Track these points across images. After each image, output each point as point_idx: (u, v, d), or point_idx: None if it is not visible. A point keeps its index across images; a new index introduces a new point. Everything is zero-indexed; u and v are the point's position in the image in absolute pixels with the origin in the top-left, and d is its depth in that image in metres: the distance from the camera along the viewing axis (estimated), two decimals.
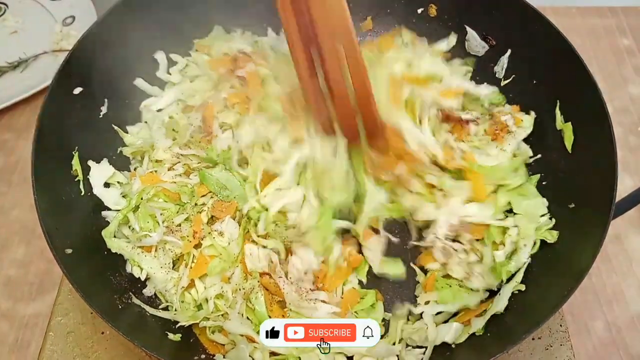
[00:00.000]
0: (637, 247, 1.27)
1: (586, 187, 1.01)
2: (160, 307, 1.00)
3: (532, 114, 1.15)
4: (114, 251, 1.01)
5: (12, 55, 1.50)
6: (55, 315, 1.03)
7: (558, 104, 1.10)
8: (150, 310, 0.98)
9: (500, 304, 0.97)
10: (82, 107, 1.07)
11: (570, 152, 1.06)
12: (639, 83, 1.52)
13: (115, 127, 1.13)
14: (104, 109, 1.12)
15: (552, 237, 1.02)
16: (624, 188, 1.33)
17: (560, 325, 1.02)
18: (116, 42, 1.11)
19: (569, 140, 1.07)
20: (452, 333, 0.96)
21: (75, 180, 1.04)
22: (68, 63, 1.04)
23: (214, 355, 0.95)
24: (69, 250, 0.92)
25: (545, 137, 1.12)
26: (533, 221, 1.04)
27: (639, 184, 1.30)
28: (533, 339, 1.01)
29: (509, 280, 1.00)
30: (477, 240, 1.06)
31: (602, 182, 0.95)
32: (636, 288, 1.22)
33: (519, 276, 1.00)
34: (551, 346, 1.00)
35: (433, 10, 1.29)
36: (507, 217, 1.07)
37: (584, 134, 1.04)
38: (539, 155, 1.13)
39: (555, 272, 0.98)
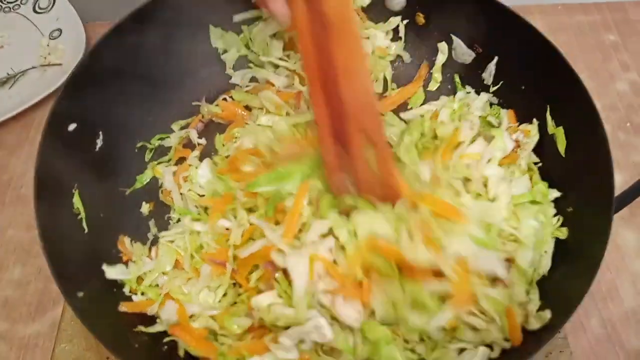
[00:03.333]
0: (629, 243, 1.29)
1: (583, 192, 1.02)
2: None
3: (535, 121, 1.16)
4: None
5: None
6: (59, 342, 1.03)
7: (548, 108, 1.11)
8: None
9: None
10: (77, 143, 1.07)
11: (563, 156, 1.07)
12: (626, 79, 1.53)
13: None
14: (99, 142, 1.12)
15: (562, 234, 1.04)
16: (615, 184, 1.35)
17: (559, 332, 1.03)
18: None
19: (561, 144, 1.08)
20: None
21: (79, 218, 1.04)
22: (60, 99, 1.03)
23: None
24: (80, 294, 0.92)
25: (538, 143, 1.13)
26: (549, 226, 1.05)
27: (629, 180, 1.31)
28: None
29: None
30: None
31: (599, 187, 0.96)
32: (630, 284, 1.24)
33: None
34: (551, 353, 1.02)
35: (421, 19, 1.30)
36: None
37: (576, 138, 1.06)
38: (541, 164, 1.14)
39: (561, 280, 0.99)
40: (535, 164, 1.15)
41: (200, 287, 1.04)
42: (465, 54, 1.26)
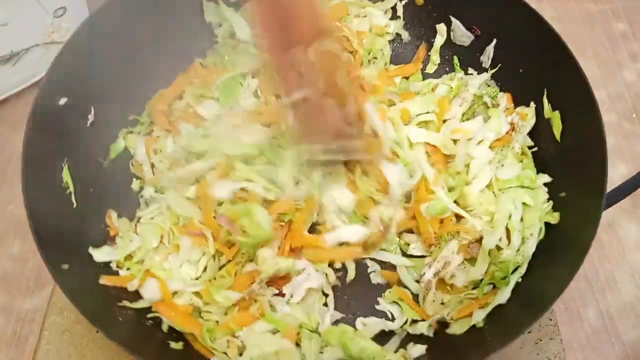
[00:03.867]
0: (630, 235, 1.27)
1: (577, 177, 1.01)
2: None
3: (532, 104, 1.15)
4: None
5: (2, 49, 1.48)
6: (49, 314, 1.03)
7: (545, 92, 1.10)
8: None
9: (503, 295, 0.97)
10: (68, 118, 1.05)
11: (559, 140, 1.06)
12: (634, 69, 1.50)
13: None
14: (90, 117, 1.11)
15: (554, 218, 1.03)
16: (618, 175, 1.34)
17: (550, 319, 1.03)
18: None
19: (557, 128, 1.07)
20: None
21: (67, 192, 1.03)
22: (52, 72, 1.02)
23: None
24: (65, 266, 0.92)
25: (535, 126, 1.12)
26: (537, 210, 1.04)
27: (632, 171, 1.30)
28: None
29: (514, 271, 1.00)
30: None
31: (593, 173, 0.95)
32: (629, 276, 1.23)
33: (524, 267, 1.00)
34: (541, 340, 1.01)
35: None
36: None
37: (573, 123, 1.04)
38: (536, 148, 1.13)
39: (551, 259, 0.98)
40: (530, 148, 1.14)
41: (180, 260, 1.03)
42: (463, 35, 1.25)
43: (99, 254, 1.01)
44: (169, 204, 1.06)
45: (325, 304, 1.05)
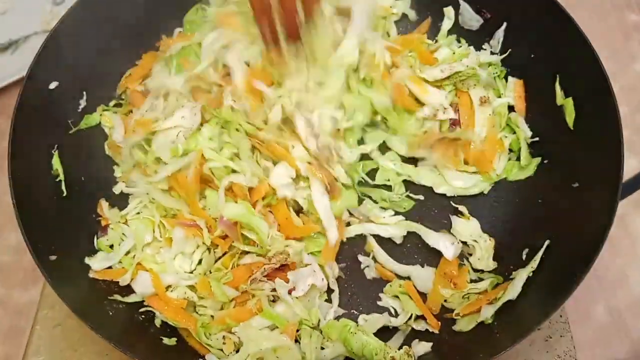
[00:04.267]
0: None
1: (591, 167, 0.98)
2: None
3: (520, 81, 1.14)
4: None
5: (1, 37, 1.46)
6: (41, 307, 1.01)
7: (558, 78, 1.06)
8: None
9: (514, 290, 0.94)
10: (59, 102, 1.03)
11: (572, 128, 1.03)
12: None
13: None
14: (82, 102, 1.08)
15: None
16: (629, 169, 1.29)
17: (561, 316, 1.00)
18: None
19: (570, 116, 1.04)
20: None
21: (57, 180, 1.00)
22: (41, 57, 1.00)
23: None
24: (54, 257, 0.89)
25: (546, 114, 1.09)
26: None
27: None
28: None
29: (524, 265, 0.98)
30: None
31: (608, 161, 0.93)
32: (639, 272, 1.20)
33: (536, 262, 0.97)
34: (551, 337, 0.98)
35: None
36: None
37: (587, 110, 1.01)
38: (537, 138, 1.11)
39: (562, 257, 0.95)
40: (531, 139, 1.12)
41: (173, 253, 1.00)
42: (472, 19, 1.20)
43: (96, 262, 0.98)
44: (153, 196, 1.03)
45: (329, 300, 1.02)
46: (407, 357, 0.91)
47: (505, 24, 1.16)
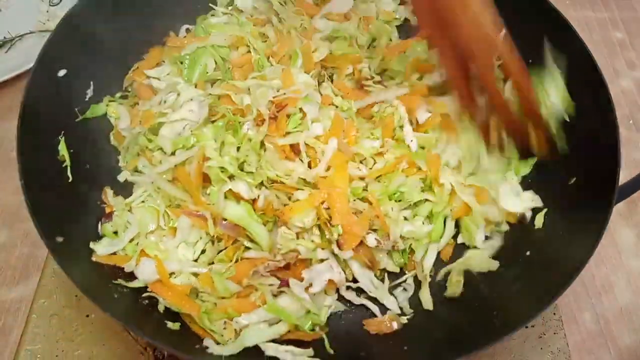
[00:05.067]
0: (627, 240, 1.27)
1: (586, 164, 1.00)
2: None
3: None
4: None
5: None
6: (38, 297, 1.00)
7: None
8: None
9: None
10: (67, 90, 1.03)
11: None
12: (631, 77, 1.52)
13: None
14: (89, 92, 1.09)
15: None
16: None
17: (554, 314, 1.01)
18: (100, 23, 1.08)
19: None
20: None
21: (63, 166, 1.00)
22: (50, 44, 1.00)
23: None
24: (60, 239, 0.89)
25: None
26: None
27: (629, 177, 1.29)
28: (526, 327, 1.01)
29: None
30: None
31: (604, 161, 0.96)
32: (625, 281, 1.22)
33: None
34: (544, 334, 1.00)
35: None
36: None
37: (581, 109, 1.03)
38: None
39: (550, 264, 0.96)
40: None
41: (177, 241, 1.00)
42: None
43: (100, 247, 0.97)
44: (159, 185, 1.03)
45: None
46: None
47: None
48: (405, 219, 1.04)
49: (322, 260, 0.97)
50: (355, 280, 1.01)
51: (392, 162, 1.04)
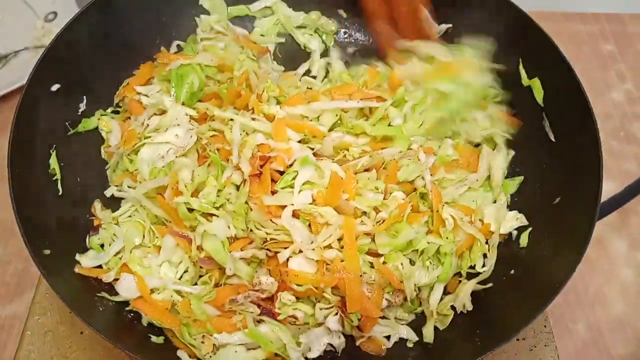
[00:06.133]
0: (619, 250, 1.28)
1: (570, 183, 1.01)
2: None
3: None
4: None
5: None
6: (32, 314, 1.00)
7: (521, 61, 1.12)
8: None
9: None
10: (60, 104, 1.05)
11: (542, 105, 1.07)
12: (622, 89, 1.53)
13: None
14: (82, 106, 1.10)
15: None
16: (606, 192, 1.34)
17: (545, 326, 1.02)
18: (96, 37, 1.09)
19: (539, 94, 1.08)
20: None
21: (54, 179, 1.01)
22: (45, 59, 1.01)
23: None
24: (47, 251, 0.90)
25: (530, 136, 1.11)
26: None
27: (620, 189, 1.31)
28: (517, 339, 1.02)
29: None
30: None
31: (587, 178, 0.96)
32: (617, 291, 1.23)
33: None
34: (535, 347, 1.00)
35: None
36: None
37: (566, 127, 1.05)
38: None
39: (533, 281, 0.97)
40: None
41: (160, 260, 0.99)
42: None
43: (86, 260, 0.97)
44: (142, 204, 1.02)
45: None
46: None
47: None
48: (411, 261, 0.99)
49: (319, 324, 0.93)
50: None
51: (397, 212, 0.96)
